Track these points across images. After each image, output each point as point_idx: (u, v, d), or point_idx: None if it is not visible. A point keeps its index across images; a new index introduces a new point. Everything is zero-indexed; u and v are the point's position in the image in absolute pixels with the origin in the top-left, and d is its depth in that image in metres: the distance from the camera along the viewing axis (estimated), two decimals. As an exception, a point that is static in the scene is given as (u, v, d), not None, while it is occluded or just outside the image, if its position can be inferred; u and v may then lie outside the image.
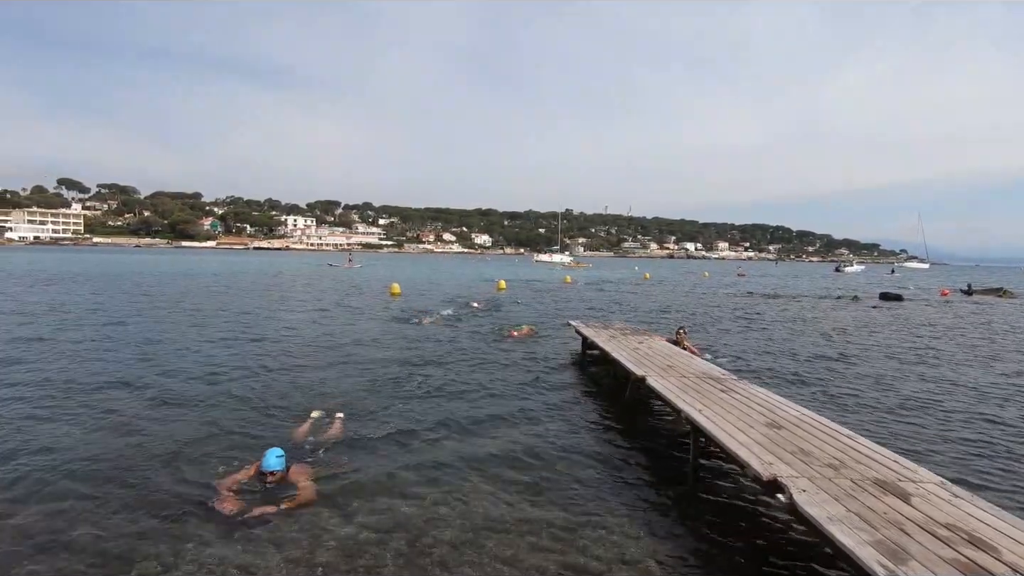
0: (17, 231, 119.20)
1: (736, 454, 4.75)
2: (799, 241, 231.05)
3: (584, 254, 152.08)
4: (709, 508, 5.29)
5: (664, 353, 9.50)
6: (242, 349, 12.05)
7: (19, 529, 4.47)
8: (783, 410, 6.15)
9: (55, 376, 9.23)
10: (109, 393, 8.36)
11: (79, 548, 4.23)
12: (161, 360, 10.69)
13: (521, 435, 7.01)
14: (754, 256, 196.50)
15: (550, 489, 5.53)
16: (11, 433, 6.51)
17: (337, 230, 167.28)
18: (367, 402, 8.09)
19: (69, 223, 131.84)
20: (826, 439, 5.17)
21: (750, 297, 31.86)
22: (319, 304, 22.03)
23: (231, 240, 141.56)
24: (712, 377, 7.75)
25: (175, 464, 5.76)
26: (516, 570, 4.10)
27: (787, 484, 4.07)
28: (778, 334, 16.96)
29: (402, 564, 4.15)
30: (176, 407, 7.74)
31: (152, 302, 20.77)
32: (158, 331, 14.07)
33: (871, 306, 27.32)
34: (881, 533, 3.43)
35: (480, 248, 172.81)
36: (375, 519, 4.77)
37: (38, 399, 7.92)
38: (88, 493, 5.10)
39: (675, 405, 6.30)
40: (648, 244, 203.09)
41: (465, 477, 5.69)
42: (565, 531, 4.72)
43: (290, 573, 3.99)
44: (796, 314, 23.01)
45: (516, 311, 20.15)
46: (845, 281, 54.52)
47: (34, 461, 5.74)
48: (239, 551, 4.22)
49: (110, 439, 6.44)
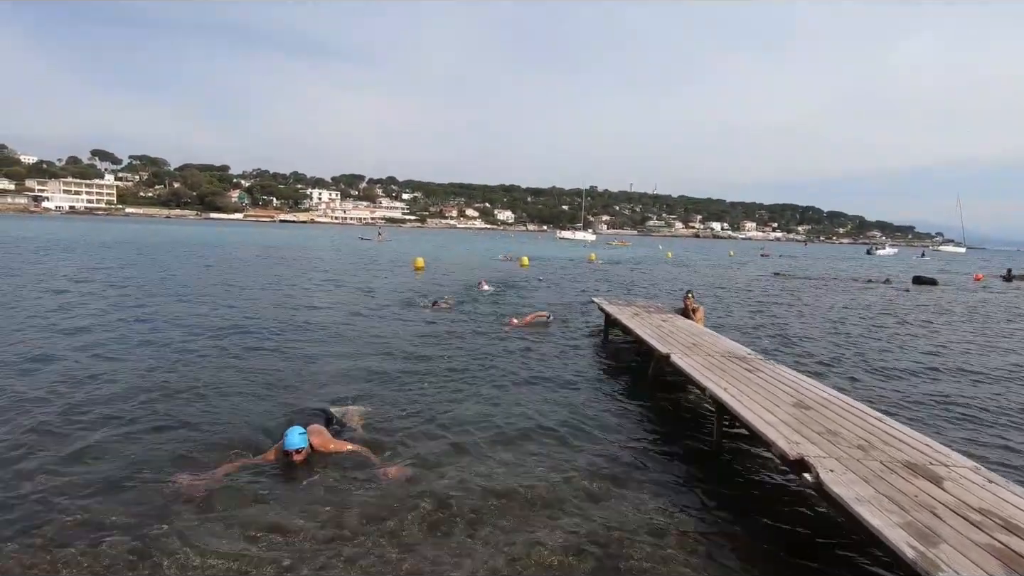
0: (53, 201, 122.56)
1: (762, 432, 4.69)
2: (830, 222, 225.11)
3: (607, 232, 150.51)
4: (732, 485, 5.26)
5: (688, 331, 9.40)
6: (263, 326, 12.27)
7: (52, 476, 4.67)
8: (810, 390, 6.04)
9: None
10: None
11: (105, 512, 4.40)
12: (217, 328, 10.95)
13: (543, 410, 7.02)
14: (782, 237, 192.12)
15: (572, 462, 5.55)
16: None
17: (361, 204, 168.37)
18: (384, 387, 7.69)
19: (103, 194, 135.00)
20: (855, 420, 5.07)
21: (776, 278, 31.26)
22: (349, 280, 22.28)
23: (258, 212, 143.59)
24: (737, 356, 7.65)
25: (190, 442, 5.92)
26: (540, 538, 4.14)
27: (814, 464, 4.01)
28: (806, 316, 16.63)
29: (427, 528, 4.22)
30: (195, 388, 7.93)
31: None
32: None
33: (903, 290, 26.58)
34: (911, 515, 3.37)
35: (503, 224, 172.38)
36: (398, 487, 4.84)
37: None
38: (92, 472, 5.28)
39: (700, 383, 6.24)
40: (673, 223, 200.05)
41: (487, 450, 5.73)
42: (588, 502, 4.75)
43: (318, 533, 4.09)
44: (825, 297, 22.52)
45: (535, 293, 19.74)
46: (876, 264, 53.08)
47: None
48: (267, 512, 4.35)
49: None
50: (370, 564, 3.77)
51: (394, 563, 3.79)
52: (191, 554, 3.79)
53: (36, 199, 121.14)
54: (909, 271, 39.91)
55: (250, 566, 3.69)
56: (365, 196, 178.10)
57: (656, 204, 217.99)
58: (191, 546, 3.87)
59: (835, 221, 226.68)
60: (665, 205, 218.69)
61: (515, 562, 3.85)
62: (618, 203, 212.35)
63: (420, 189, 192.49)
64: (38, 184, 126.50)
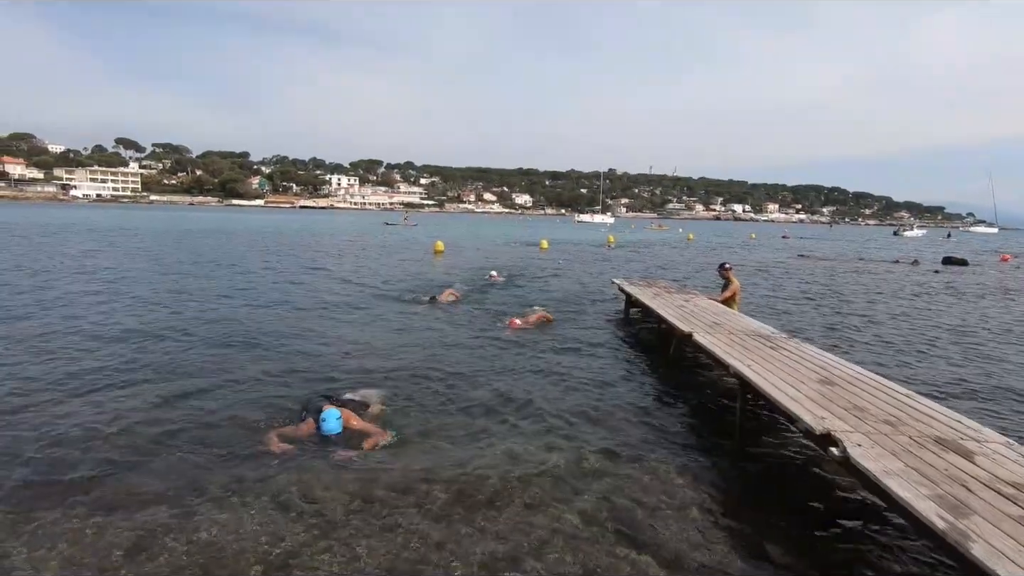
0: (80, 189, 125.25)
1: (786, 408, 4.66)
2: (855, 203, 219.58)
3: (626, 215, 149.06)
4: (756, 462, 5.26)
5: (710, 311, 9.32)
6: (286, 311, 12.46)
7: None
8: (836, 368, 5.97)
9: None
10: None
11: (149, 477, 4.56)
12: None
13: (562, 390, 7.06)
14: (806, 219, 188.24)
15: (593, 439, 5.58)
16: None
17: (379, 189, 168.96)
18: (400, 382, 7.18)
19: (128, 182, 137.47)
20: (882, 397, 5.00)
21: (800, 260, 30.73)
22: (369, 266, 22.48)
23: (278, 199, 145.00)
24: (761, 335, 7.57)
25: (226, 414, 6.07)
26: (562, 513, 4.19)
27: (841, 438, 3.98)
28: (830, 297, 16.35)
29: (450, 504, 4.30)
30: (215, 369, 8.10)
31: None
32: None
33: (932, 271, 25.94)
34: (941, 488, 3.33)
35: (521, 208, 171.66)
36: (422, 464, 4.91)
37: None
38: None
39: (722, 360, 6.19)
40: (693, 206, 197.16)
41: (506, 429, 5.77)
42: (609, 479, 4.78)
43: (345, 505, 4.19)
44: (850, 278, 22.10)
45: (552, 279, 19.43)
46: (903, 245, 51.82)
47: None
48: (296, 481, 4.47)
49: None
50: (398, 535, 3.86)
51: (421, 534, 3.87)
52: (228, 521, 3.92)
53: (64, 187, 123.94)
54: (937, 252, 38.89)
55: (283, 532, 3.81)
56: (383, 181, 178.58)
57: (676, 187, 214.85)
58: (228, 513, 4.01)
59: (861, 202, 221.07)
60: (685, 188, 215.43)
61: (537, 536, 3.90)
62: (637, 186, 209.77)
63: (438, 174, 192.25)
64: (66, 173, 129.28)
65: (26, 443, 5.00)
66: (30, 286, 13.24)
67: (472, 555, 3.66)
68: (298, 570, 3.44)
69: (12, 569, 3.38)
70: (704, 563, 3.69)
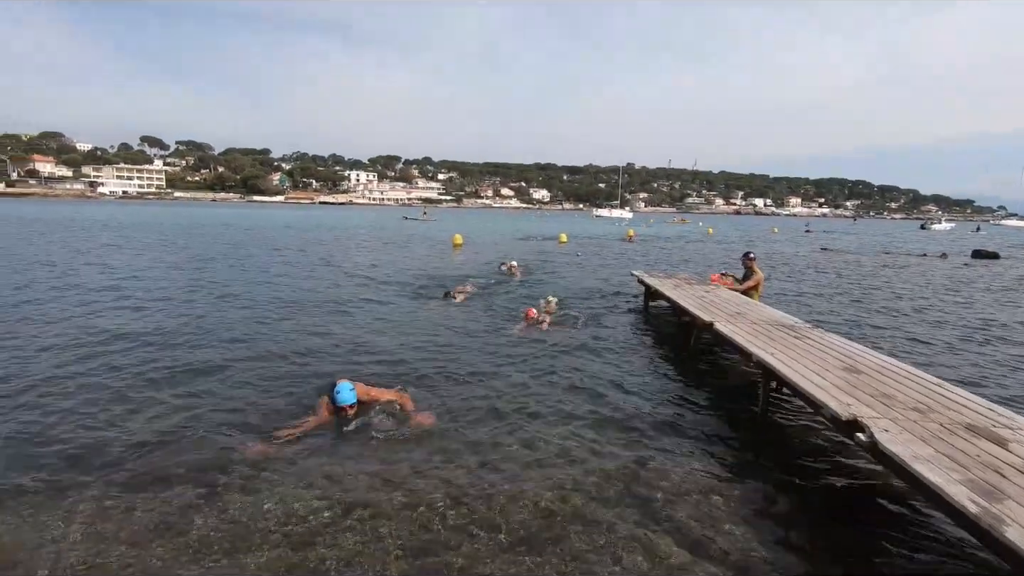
0: (107, 186, 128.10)
1: (811, 395, 4.59)
2: (881, 197, 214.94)
3: (645, 210, 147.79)
4: (779, 450, 5.19)
5: (732, 301, 9.20)
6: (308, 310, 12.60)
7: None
8: (862, 356, 5.85)
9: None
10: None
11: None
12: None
13: (582, 378, 7.03)
14: (829, 213, 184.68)
15: (614, 426, 5.56)
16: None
17: (398, 185, 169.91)
18: (417, 373, 7.08)
19: (152, 179, 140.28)
20: (911, 385, 4.90)
21: (824, 253, 30.18)
22: (389, 260, 22.64)
23: (298, 195, 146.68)
24: (784, 325, 7.46)
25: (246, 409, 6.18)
26: (582, 498, 4.18)
27: (868, 424, 3.91)
28: (855, 290, 16.04)
29: (472, 480, 4.33)
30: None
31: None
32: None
33: (962, 264, 25.28)
34: (973, 473, 3.26)
35: (538, 203, 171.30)
36: (442, 450, 4.94)
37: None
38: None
39: (745, 348, 6.12)
40: (713, 200, 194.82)
41: (527, 416, 5.77)
42: (632, 464, 4.76)
43: (367, 487, 4.24)
44: (875, 271, 21.65)
45: (572, 271, 19.46)
46: (930, 239, 50.59)
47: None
48: (317, 462, 4.54)
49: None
50: (419, 517, 3.89)
51: (442, 517, 3.90)
52: (253, 500, 4.00)
53: (92, 185, 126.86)
54: (966, 246, 37.88)
55: (306, 511, 3.87)
56: (401, 177, 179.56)
57: (696, 180, 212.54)
58: (253, 493, 4.08)
59: (887, 196, 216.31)
60: (705, 181, 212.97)
61: (557, 520, 3.90)
62: (656, 180, 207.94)
63: (455, 169, 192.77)
64: (93, 170, 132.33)
65: (58, 426, 5.15)
66: (60, 277, 13.60)
67: (492, 538, 3.68)
68: (322, 548, 3.49)
69: (49, 542, 3.49)
70: (724, 548, 3.66)
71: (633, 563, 3.49)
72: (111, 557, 3.36)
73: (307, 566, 3.34)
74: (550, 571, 3.39)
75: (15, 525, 3.65)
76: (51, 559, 3.33)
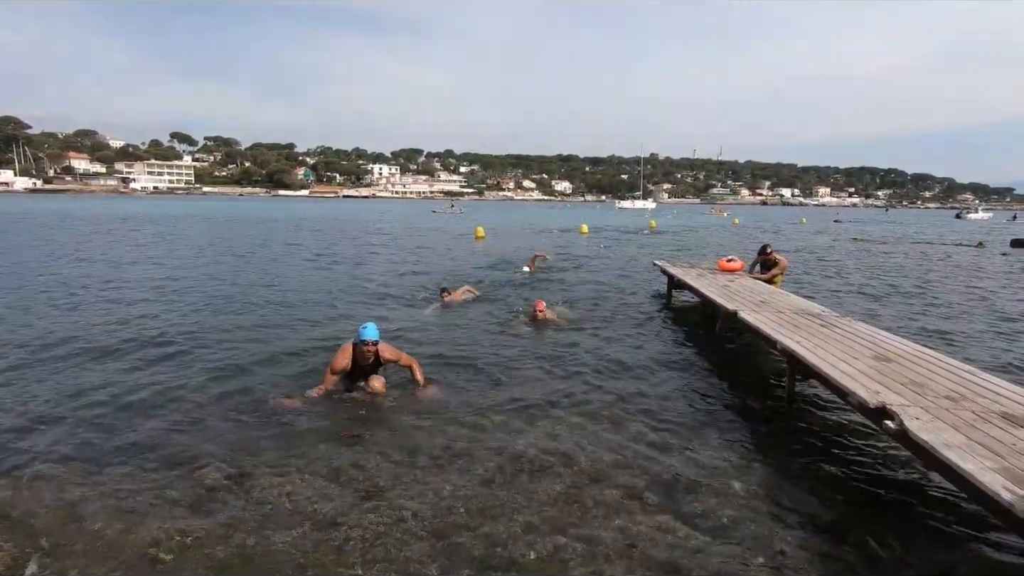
0: (139, 182, 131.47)
1: (839, 382, 4.50)
2: (914, 186, 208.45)
3: (668, 201, 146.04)
4: (804, 440, 5.10)
5: (756, 290, 9.06)
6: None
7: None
8: (892, 344, 5.71)
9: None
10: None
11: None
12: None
13: (604, 368, 6.99)
14: (860, 202, 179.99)
15: (637, 414, 5.53)
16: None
17: (420, 178, 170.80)
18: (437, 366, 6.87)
19: (182, 174, 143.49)
20: (943, 373, 4.77)
21: (853, 243, 29.45)
22: (414, 251, 22.80)
23: (322, 188, 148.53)
24: (810, 313, 7.32)
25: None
26: (606, 485, 4.17)
27: (897, 411, 3.81)
28: (888, 280, 15.64)
29: (495, 470, 4.35)
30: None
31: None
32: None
33: (1000, 253, 24.41)
34: (1008, 462, 3.16)
35: (560, 195, 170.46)
36: (466, 436, 4.99)
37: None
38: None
39: (770, 336, 6.02)
40: (739, 190, 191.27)
41: (551, 404, 5.76)
42: (654, 451, 4.74)
43: (392, 469, 4.31)
44: (908, 261, 21.05)
45: (592, 261, 19.46)
46: (966, 228, 48.95)
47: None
48: (344, 443, 4.62)
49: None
50: (443, 500, 3.94)
51: (466, 500, 3.94)
52: (279, 481, 4.09)
53: (124, 180, 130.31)
54: (1004, 235, 36.54)
55: (332, 493, 3.95)
56: (424, 170, 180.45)
57: (720, 170, 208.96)
58: (279, 475, 4.18)
59: (920, 184, 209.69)
60: (730, 171, 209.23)
61: (580, 505, 3.91)
62: (680, 170, 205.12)
63: (477, 161, 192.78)
64: (126, 166, 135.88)
65: (96, 407, 5.34)
66: (115, 269, 14.04)
67: (515, 521, 3.70)
68: (347, 527, 3.56)
69: (89, 516, 3.63)
70: (746, 537, 3.62)
71: (653, 550, 3.47)
72: (144, 533, 3.47)
73: (332, 544, 3.41)
74: (571, 555, 3.39)
75: (53, 500, 3.80)
76: (88, 534, 3.46)
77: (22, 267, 14.50)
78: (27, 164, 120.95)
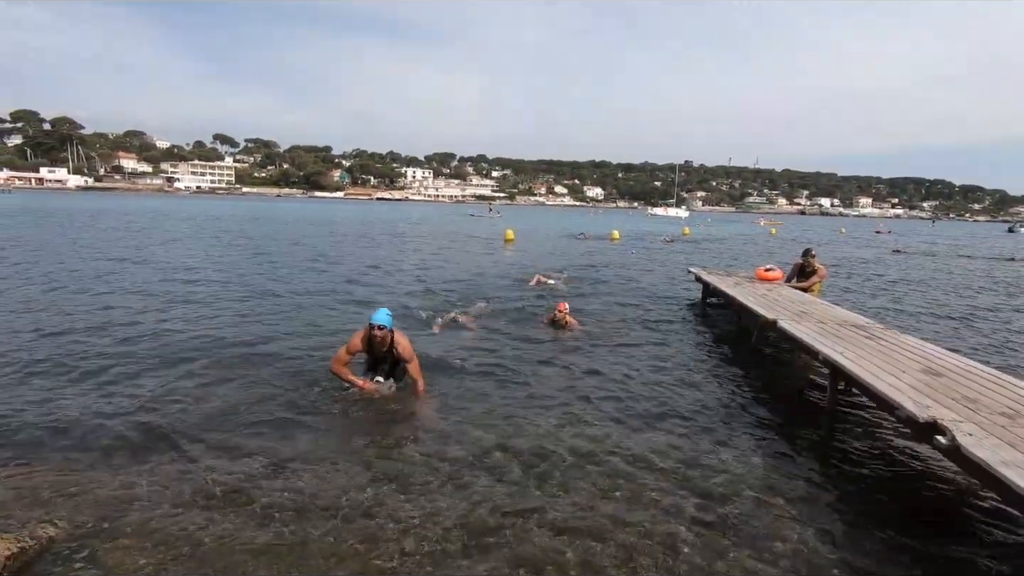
0: (183, 181, 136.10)
1: (886, 395, 4.35)
2: (962, 197, 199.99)
3: (702, 208, 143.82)
4: (846, 453, 4.94)
5: (796, 300, 8.83)
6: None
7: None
8: (942, 359, 5.50)
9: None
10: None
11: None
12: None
13: (637, 375, 6.91)
14: (903, 214, 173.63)
15: (669, 423, 5.44)
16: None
17: (452, 182, 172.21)
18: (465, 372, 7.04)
19: (223, 174, 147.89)
20: (998, 389, 4.56)
21: (896, 255, 28.48)
22: (444, 255, 22.98)
23: (357, 191, 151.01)
24: (854, 324, 7.10)
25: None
26: (637, 491, 4.12)
27: (949, 427, 3.67)
28: (933, 293, 15.06)
29: (525, 469, 4.35)
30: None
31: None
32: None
33: (1056, 269, 23.25)
34: (1071, 483, 3.00)
35: (592, 201, 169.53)
36: (494, 437, 5.00)
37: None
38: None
39: (811, 347, 5.86)
40: (775, 199, 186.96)
41: (581, 411, 5.69)
42: (689, 457, 4.67)
43: (425, 464, 4.34)
44: (957, 275, 20.24)
45: (624, 271, 19.38)
46: (1019, 242, 46.79)
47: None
48: (376, 438, 4.68)
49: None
50: (474, 495, 3.95)
51: (496, 497, 3.94)
52: (315, 471, 4.18)
53: (169, 180, 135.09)
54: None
55: (366, 484, 4.01)
56: (456, 174, 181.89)
57: (757, 179, 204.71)
58: (315, 465, 4.26)
59: (969, 196, 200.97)
60: (767, 180, 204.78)
61: (610, 509, 3.86)
62: (715, 178, 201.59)
63: (509, 166, 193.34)
64: (171, 167, 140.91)
65: (135, 399, 5.51)
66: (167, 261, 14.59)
67: (543, 520, 3.69)
68: (380, 518, 3.60)
69: (134, 499, 3.77)
70: (784, 549, 3.52)
71: (688, 557, 3.41)
72: (186, 519, 3.57)
73: (367, 533, 3.46)
74: (602, 559, 3.36)
75: (103, 483, 3.95)
76: (135, 517, 3.58)
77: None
78: (80, 163, 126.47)
